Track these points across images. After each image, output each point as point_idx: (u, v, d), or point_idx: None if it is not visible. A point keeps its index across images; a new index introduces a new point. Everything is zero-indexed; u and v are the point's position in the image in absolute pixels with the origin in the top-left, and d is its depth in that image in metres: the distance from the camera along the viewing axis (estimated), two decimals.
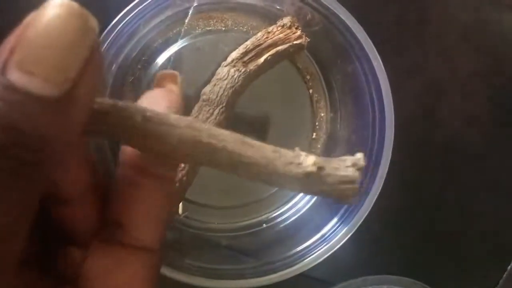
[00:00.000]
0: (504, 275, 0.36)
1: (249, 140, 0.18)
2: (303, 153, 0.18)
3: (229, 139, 0.17)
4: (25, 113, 0.12)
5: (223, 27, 0.32)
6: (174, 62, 0.31)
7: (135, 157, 0.17)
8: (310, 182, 0.18)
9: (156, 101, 0.18)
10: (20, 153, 0.12)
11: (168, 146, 0.16)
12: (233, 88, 0.29)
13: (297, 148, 0.18)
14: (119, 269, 0.17)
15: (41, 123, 0.12)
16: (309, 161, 0.18)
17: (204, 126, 0.18)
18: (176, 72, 0.19)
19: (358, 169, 0.18)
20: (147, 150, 0.17)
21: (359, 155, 0.18)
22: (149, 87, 0.31)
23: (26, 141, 0.12)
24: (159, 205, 0.17)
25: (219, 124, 0.29)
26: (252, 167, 0.18)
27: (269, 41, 0.30)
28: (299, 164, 0.18)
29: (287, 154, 0.18)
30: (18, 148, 0.12)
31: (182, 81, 0.19)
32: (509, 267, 0.36)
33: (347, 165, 0.18)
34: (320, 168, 0.18)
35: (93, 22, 0.13)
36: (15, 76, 0.12)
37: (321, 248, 0.29)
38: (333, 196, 0.18)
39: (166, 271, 0.27)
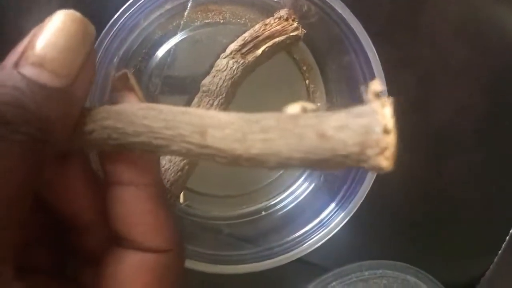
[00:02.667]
0: (495, 260, 0.37)
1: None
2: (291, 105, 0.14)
3: (192, 109, 0.16)
4: (34, 98, 0.14)
5: (221, 19, 0.32)
6: (174, 54, 0.32)
7: (110, 168, 0.18)
8: (300, 125, 0.13)
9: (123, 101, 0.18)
10: (30, 130, 0.14)
11: (123, 120, 0.16)
12: (232, 79, 0.29)
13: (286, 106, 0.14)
14: (131, 273, 0.17)
15: (46, 106, 0.15)
16: (296, 106, 0.14)
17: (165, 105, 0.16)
18: (125, 70, 0.19)
19: (376, 96, 0.13)
20: (106, 134, 0.16)
21: (374, 82, 0.13)
22: (150, 79, 0.31)
23: (35, 120, 0.14)
24: (147, 213, 0.17)
25: None
26: (224, 129, 0.14)
27: (267, 33, 0.30)
28: (282, 112, 0.14)
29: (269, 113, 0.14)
30: (28, 126, 0.14)
31: (131, 76, 0.20)
32: (499, 251, 0.36)
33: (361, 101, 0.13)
34: (312, 110, 0.13)
35: (92, 28, 0.16)
36: (27, 70, 0.15)
37: (318, 234, 0.30)
38: (350, 146, 0.12)
39: None
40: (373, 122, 0.12)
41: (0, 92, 0.14)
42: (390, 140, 0.12)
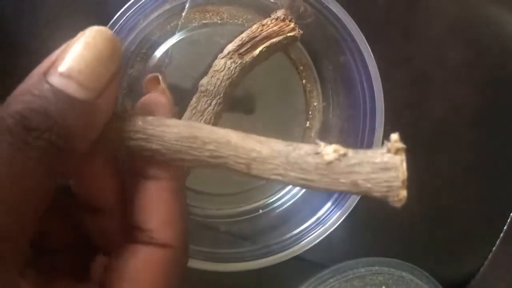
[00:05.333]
0: (489, 256, 0.37)
1: (254, 135, 0.17)
2: (323, 143, 0.16)
3: (231, 133, 0.17)
4: (59, 108, 0.15)
5: (219, 20, 0.32)
6: (172, 55, 0.32)
7: (137, 164, 0.19)
8: (336, 172, 0.15)
9: (152, 105, 0.19)
10: (52, 137, 0.15)
11: (168, 146, 0.17)
12: (230, 80, 0.30)
13: (317, 141, 0.16)
14: (141, 266, 0.18)
15: (70, 117, 0.15)
16: (329, 148, 0.16)
17: (203, 124, 0.18)
18: (157, 74, 0.21)
19: (398, 152, 0.16)
20: (148, 153, 0.17)
21: (394, 136, 0.16)
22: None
23: (58, 129, 0.15)
24: (167, 205, 0.18)
25: (217, 115, 0.30)
26: (267, 163, 0.16)
27: (264, 34, 0.30)
28: (318, 153, 0.16)
29: (303, 146, 0.16)
30: (50, 133, 0.15)
31: (163, 78, 0.21)
32: (494, 248, 0.37)
33: (383, 152, 0.15)
34: (344, 155, 0.16)
35: (120, 45, 0.17)
36: (55, 80, 0.15)
37: (316, 231, 0.30)
38: (375, 191, 0.16)
39: None
40: (394, 178, 0.15)
41: (28, 99, 0.15)
42: (405, 192, 0.16)
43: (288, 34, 0.31)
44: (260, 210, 0.34)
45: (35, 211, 0.15)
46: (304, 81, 0.34)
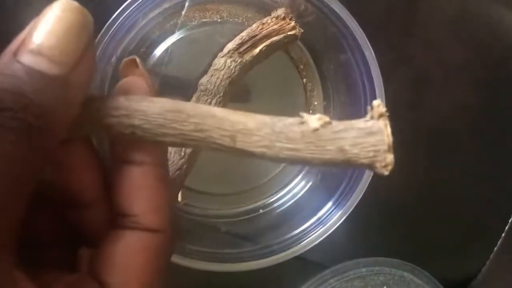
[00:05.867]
0: (491, 256, 0.37)
1: (239, 111, 0.17)
2: (306, 114, 0.16)
3: (218, 109, 0.17)
4: (32, 85, 0.14)
5: (219, 18, 0.32)
6: (171, 53, 0.32)
7: (119, 148, 0.18)
8: (322, 139, 0.15)
9: (131, 89, 0.19)
10: (27, 116, 0.14)
11: (151, 120, 0.16)
12: (230, 78, 0.29)
13: (301, 113, 0.16)
14: (127, 252, 0.18)
15: (45, 93, 0.15)
16: (313, 117, 0.16)
17: (187, 102, 0.17)
18: (134, 56, 0.20)
19: (381, 116, 0.16)
20: (130, 130, 0.17)
21: (376, 101, 0.16)
22: None
23: (32, 107, 0.14)
24: (151, 190, 0.18)
25: None
26: (252, 135, 0.16)
27: (264, 32, 0.30)
28: (303, 122, 0.16)
29: (288, 118, 0.16)
30: (26, 112, 0.14)
31: (140, 62, 0.20)
32: (495, 248, 0.37)
33: (366, 120, 0.16)
34: (328, 123, 0.16)
35: (91, 18, 0.16)
36: (25, 58, 0.15)
37: (316, 231, 0.30)
38: (362, 157, 0.15)
39: None
40: (380, 141, 0.15)
41: None
42: (392, 156, 0.15)
43: (289, 33, 0.31)
44: (261, 210, 0.34)
45: (20, 197, 0.15)
46: (304, 80, 0.34)
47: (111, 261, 0.17)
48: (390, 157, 0.15)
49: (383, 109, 0.16)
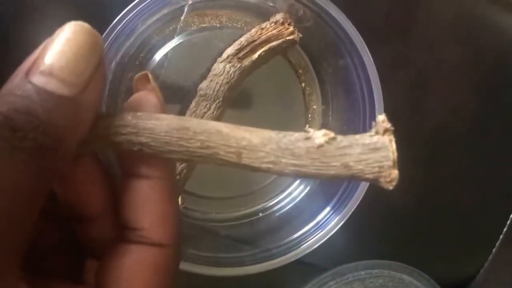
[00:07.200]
0: (489, 258, 0.37)
1: (244, 126, 0.17)
2: (311, 129, 0.16)
3: (223, 125, 0.17)
4: (43, 106, 0.15)
5: (218, 23, 0.32)
6: (171, 58, 0.32)
7: (127, 162, 0.18)
8: (327, 156, 0.16)
9: (142, 103, 0.19)
10: (38, 136, 0.14)
11: (158, 138, 0.17)
12: (229, 83, 0.30)
13: (306, 127, 0.16)
14: (133, 266, 0.18)
15: (55, 114, 0.15)
16: (319, 133, 0.16)
17: (193, 118, 0.18)
18: (146, 72, 0.20)
19: (386, 132, 0.16)
20: (138, 148, 0.17)
21: (381, 117, 0.16)
22: None
23: (43, 127, 0.15)
24: (158, 204, 0.18)
25: (217, 119, 0.30)
26: (257, 151, 0.16)
27: (263, 37, 0.30)
28: (308, 138, 0.16)
29: (293, 133, 0.16)
30: (37, 132, 0.14)
31: (152, 77, 0.21)
32: (494, 250, 0.37)
33: (371, 134, 0.16)
34: (333, 139, 0.16)
35: (101, 39, 0.17)
36: (36, 78, 0.15)
37: (316, 235, 0.30)
38: (367, 173, 0.15)
39: None
40: (385, 157, 0.15)
41: (11, 100, 0.15)
42: (396, 172, 0.15)
43: (287, 38, 0.31)
44: (260, 214, 0.34)
45: (29, 215, 0.15)
46: (303, 84, 0.34)
47: (117, 275, 0.17)
48: (395, 173, 0.15)
49: (387, 124, 0.16)
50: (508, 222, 0.37)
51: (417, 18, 0.36)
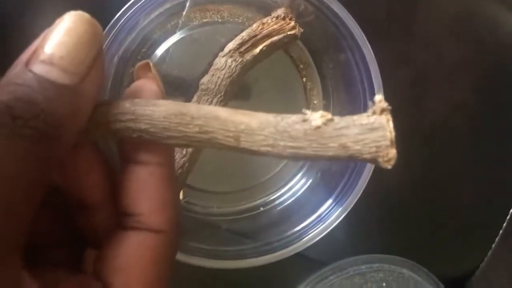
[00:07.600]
0: (489, 253, 0.37)
1: (241, 110, 0.17)
2: (308, 111, 0.16)
3: (221, 110, 0.17)
4: (44, 94, 0.15)
5: (220, 18, 0.32)
6: (172, 53, 0.32)
7: (126, 148, 0.19)
8: (324, 137, 0.16)
9: (142, 91, 0.19)
10: (39, 125, 0.15)
11: (156, 124, 0.17)
12: (231, 78, 0.30)
13: (303, 110, 0.16)
14: (131, 253, 0.18)
15: (56, 102, 0.15)
16: (316, 114, 0.16)
17: (190, 103, 0.18)
18: (147, 60, 0.21)
19: (383, 112, 0.16)
20: (137, 134, 0.17)
21: (378, 97, 0.16)
22: None
23: (44, 116, 0.15)
24: (157, 190, 0.18)
25: None
26: (255, 135, 0.16)
27: (264, 32, 0.30)
28: (305, 120, 0.16)
29: (290, 115, 0.16)
30: (37, 121, 0.15)
31: (153, 66, 0.21)
32: (493, 245, 0.37)
33: (368, 115, 0.16)
34: (330, 120, 0.16)
35: (100, 29, 0.17)
36: (37, 67, 0.15)
37: (316, 229, 0.30)
38: (365, 153, 0.15)
39: None
40: (382, 137, 0.15)
41: (12, 89, 0.15)
42: (394, 151, 0.15)
43: (289, 33, 0.31)
44: (261, 208, 0.34)
45: (30, 203, 0.15)
46: (304, 79, 0.34)
47: (114, 262, 0.18)
48: (392, 152, 0.15)
49: (384, 104, 0.15)
50: (508, 217, 0.37)
51: (418, 16, 0.36)
